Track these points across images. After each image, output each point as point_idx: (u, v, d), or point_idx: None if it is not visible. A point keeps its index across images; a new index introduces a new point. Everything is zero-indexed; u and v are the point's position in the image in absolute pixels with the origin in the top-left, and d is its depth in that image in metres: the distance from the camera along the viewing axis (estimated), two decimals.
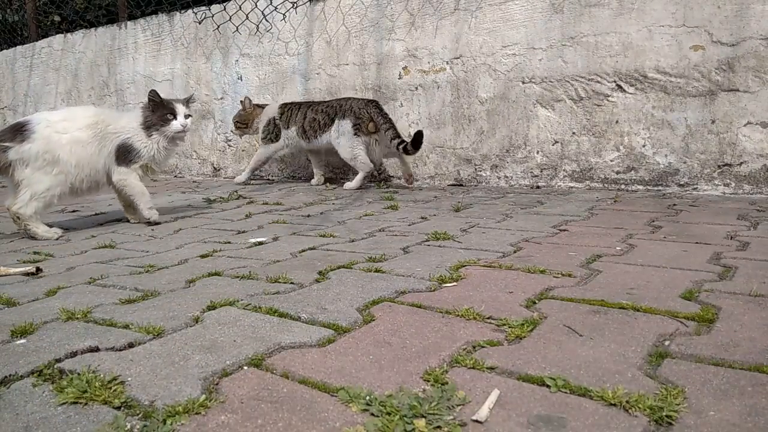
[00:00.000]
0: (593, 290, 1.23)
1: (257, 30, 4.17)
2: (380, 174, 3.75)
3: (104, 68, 5.18)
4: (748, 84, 2.64)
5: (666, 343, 0.93)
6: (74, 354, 0.95)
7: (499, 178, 3.33)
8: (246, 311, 1.15)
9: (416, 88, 3.55)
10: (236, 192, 3.45)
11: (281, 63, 4.12)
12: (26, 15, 5.89)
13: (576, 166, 3.10)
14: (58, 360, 0.93)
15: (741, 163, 2.69)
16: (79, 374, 0.85)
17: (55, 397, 0.79)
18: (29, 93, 5.85)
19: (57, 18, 5.84)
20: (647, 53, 2.84)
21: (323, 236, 1.98)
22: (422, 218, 2.29)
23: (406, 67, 3.58)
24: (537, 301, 1.17)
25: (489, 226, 2.05)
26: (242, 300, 1.23)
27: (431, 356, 0.91)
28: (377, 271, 1.43)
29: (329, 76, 3.90)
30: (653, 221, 2.05)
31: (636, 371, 0.83)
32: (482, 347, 0.94)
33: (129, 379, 0.84)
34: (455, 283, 1.32)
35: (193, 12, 4.50)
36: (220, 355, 0.93)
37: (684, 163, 2.82)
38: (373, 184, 3.68)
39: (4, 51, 6.12)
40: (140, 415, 0.74)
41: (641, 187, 2.92)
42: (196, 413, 0.75)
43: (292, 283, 1.36)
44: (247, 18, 4.15)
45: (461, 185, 3.42)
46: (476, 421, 0.71)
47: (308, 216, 2.47)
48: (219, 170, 4.62)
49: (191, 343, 0.98)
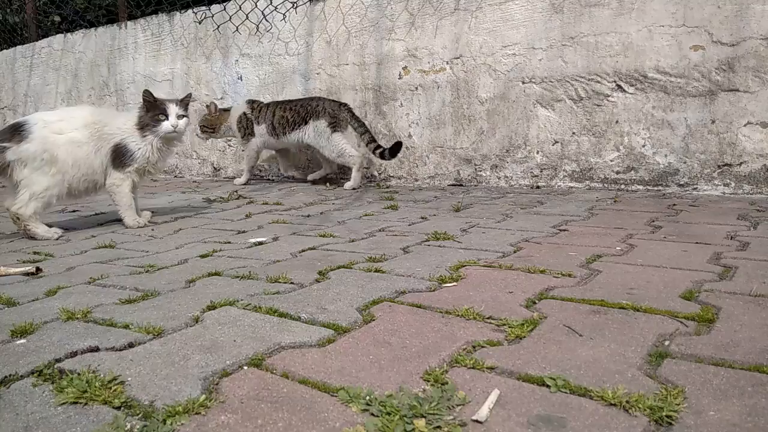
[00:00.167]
0: (593, 290, 1.23)
1: (257, 30, 4.17)
2: (380, 174, 3.75)
3: (104, 68, 5.18)
4: (748, 84, 2.64)
5: (666, 343, 0.93)
6: (74, 354, 0.95)
7: (499, 178, 3.33)
8: (246, 311, 1.15)
9: (416, 88, 3.55)
10: (236, 192, 3.45)
11: (281, 63, 4.12)
12: (26, 15, 5.89)
13: (576, 166, 3.10)
14: (58, 360, 0.93)
15: (741, 163, 2.69)
16: (79, 374, 0.85)
17: (55, 397, 0.79)
18: (29, 93, 5.85)
19: (57, 18, 5.84)
20: (647, 53, 2.84)
21: (323, 236, 1.98)
22: (422, 218, 2.29)
23: (406, 67, 3.58)
24: (537, 301, 1.17)
25: (489, 226, 2.05)
26: (242, 300, 1.23)
27: (431, 356, 0.91)
28: (377, 271, 1.43)
29: (329, 76, 3.90)
30: (653, 221, 2.05)
31: (636, 371, 0.83)
32: (482, 347, 0.94)
33: (129, 379, 0.84)
34: (455, 283, 1.32)
35: (193, 12, 4.50)
36: (220, 355, 0.92)
37: (684, 163, 2.82)
38: (373, 184, 3.68)
39: (4, 51, 6.12)
40: (140, 415, 0.74)
41: (641, 187, 2.92)
42: (196, 413, 0.75)
43: (292, 283, 1.36)
44: (247, 18, 4.15)
45: (461, 185, 3.42)
46: (476, 421, 0.71)
47: (308, 216, 2.47)
48: (219, 170, 4.62)
49: (191, 343, 0.98)
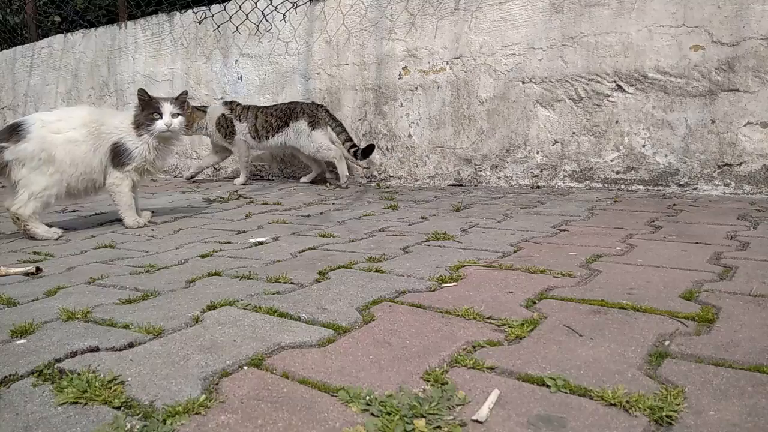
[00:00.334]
0: (593, 290, 1.23)
1: (257, 30, 4.17)
2: (380, 174, 3.75)
3: (104, 68, 5.18)
4: (748, 84, 2.64)
5: (666, 343, 0.93)
6: (74, 354, 0.95)
7: (499, 178, 3.33)
8: (246, 311, 1.15)
9: (416, 88, 3.55)
10: (236, 192, 3.45)
11: (281, 63, 4.12)
12: (26, 15, 5.89)
13: (576, 166, 3.10)
14: (58, 360, 0.93)
15: (741, 163, 2.69)
16: (79, 374, 0.85)
17: (55, 397, 0.79)
18: (29, 93, 5.85)
19: (57, 18, 5.84)
20: (647, 53, 2.84)
21: (323, 236, 1.98)
22: (422, 218, 2.29)
23: (406, 67, 3.58)
24: (537, 301, 1.17)
25: (489, 226, 2.05)
26: (242, 300, 1.22)
27: (431, 356, 0.91)
28: (377, 271, 1.43)
29: (329, 76, 3.90)
30: (653, 221, 2.05)
31: (636, 371, 0.83)
32: (482, 347, 0.94)
33: (129, 379, 0.84)
34: (455, 283, 1.32)
35: (193, 12, 4.50)
36: (220, 355, 0.92)
37: (684, 163, 2.82)
38: (373, 184, 3.68)
39: (5, 51, 6.12)
40: (140, 415, 0.74)
41: (641, 187, 2.92)
42: (196, 413, 0.75)
43: (292, 283, 1.36)
44: (247, 18, 4.15)
45: (461, 185, 3.42)
46: (476, 421, 0.71)
47: (308, 216, 2.47)
48: (219, 170, 4.62)
49: (191, 343, 0.98)
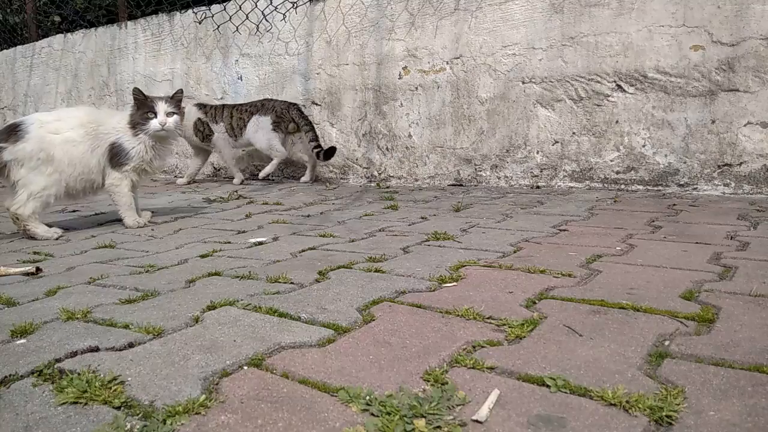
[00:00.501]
0: (593, 290, 1.23)
1: (257, 30, 4.17)
2: (380, 174, 3.75)
3: (104, 68, 5.18)
4: (748, 84, 2.64)
5: (666, 343, 0.93)
6: (74, 354, 0.95)
7: (499, 178, 3.33)
8: (246, 311, 1.15)
9: (416, 88, 3.55)
10: (236, 192, 3.45)
11: (281, 63, 4.12)
12: (26, 15, 5.89)
13: (576, 166, 3.10)
14: (58, 360, 0.93)
15: (741, 163, 2.69)
16: (79, 374, 0.85)
17: (55, 397, 0.79)
18: (29, 93, 5.85)
19: (57, 18, 5.84)
20: (647, 53, 2.84)
21: (323, 236, 1.98)
22: (422, 218, 2.29)
23: (406, 67, 3.58)
24: (537, 301, 1.17)
25: (489, 226, 2.05)
26: (242, 300, 1.22)
27: (431, 356, 0.91)
28: (377, 271, 1.43)
29: (329, 76, 3.90)
30: (653, 221, 2.05)
31: (636, 371, 0.83)
32: (482, 347, 0.93)
33: (129, 379, 0.84)
34: (455, 283, 1.32)
35: (193, 12, 4.50)
36: (220, 355, 0.92)
37: (684, 163, 2.82)
38: (373, 184, 3.68)
39: (5, 51, 6.12)
40: (140, 415, 0.74)
41: (641, 187, 2.92)
42: (196, 413, 0.75)
43: (292, 283, 1.36)
44: (247, 18, 4.15)
45: (461, 185, 3.42)
46: (476, 421, 0.71)
47: (308, 216, 2.48)
48: (219, 170, 4.62)
49: (191, 343, 0.98)
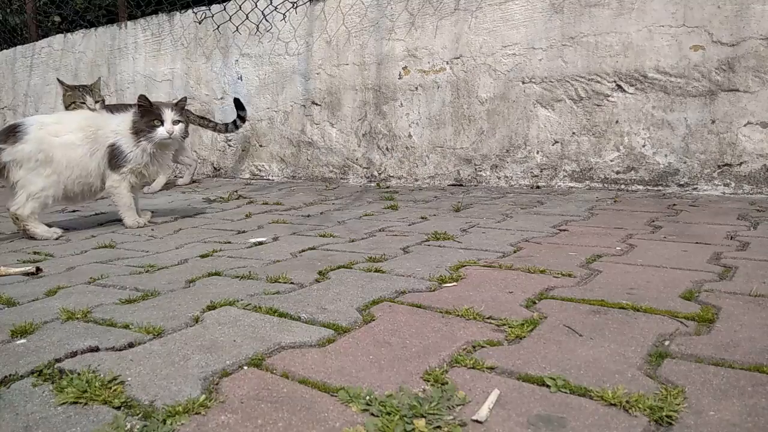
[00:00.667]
0: (593, 290, 1.23)
1: (257, 30, 4.17)
2: (380, 174, 3.75)
3: (104, 68, 5.18)
4: (748, 84, 2.64)
5: (666, 343, 0.93)
6: (74, 354, 0.95)
7: (499, 178, 3.33)
8: (246, 311, 1.15)
9: (416, 88, 3.55)
10: (236, 192, 3.45)
11: (281, 63, 4.12)
12: (26, 15, 5.89)
13: (576, 166, 3.10)
14: (58, 360, 0.93)
15: (741, 163, 2.69)
16: (79, 374, 0.85)
17: (55, 397, 0.79)
18: (29, 93, 5.85)
19: (57, 18, 5.84)
20: (647, 53, 2.84)
21: (323, 236, 1.98)
22: (422, 218, 2.29)
23: (406, 67, 3.58)
24: (537, 301, 1.17)
25: (489, 226, 2.05)
26: (242, 300, 1.23)
27: (431, 356, 0.91)
28: (377, 271, 1.43)
29: (329, 76, 3.90)
30: (653, 221, 2.05)
31: (636, 371, 0.83)
32: (482, 347, 0.94)
33: (129, 379, 0.84)
34: (455, 283, 1.32)
35: (193, 12, 4.49)
36: (220, 355, 0.92)
37: (684, 163, 2.82)
38: (373, 184, 3.68)
39: (5, 51, 6.12)
40: (140, 415, 0.74)
41: (641, 187, 2.92)
42: (196, 413, 0.75)
43: (292, 283, 1.36)
44: (247, 18, 4.15)
45: (461, 185, 3.42)
46: (476, 421, 0.71)
47: (308, 216, 2.48)
48: (219, 170, 4.62)
49: (191, 343, 0.98)
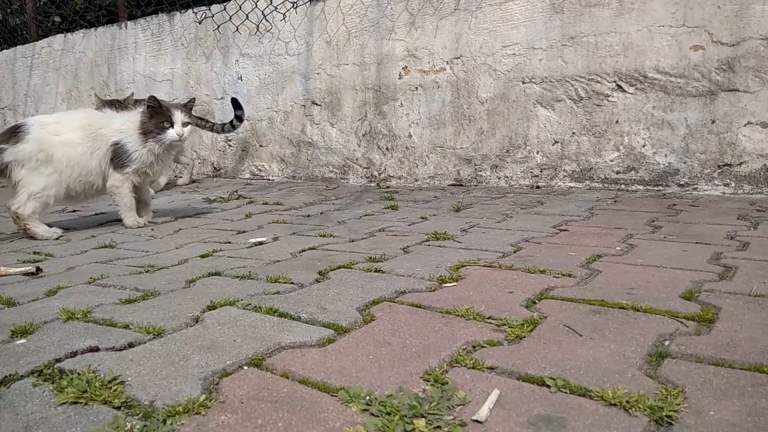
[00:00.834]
0: (593, 290, 1.23)
1: (257, 30, 4.17)
2: (380, 174, 3.75)
3: (104, 68, 5.18)
4: (748, 84, 2.64)
5: (666, 343, 0.93)
6: (74, 354, 0.95)
7: (499, 178, 3.33)
8: (246, 311, 1.15)
9: (416, 88, 3.55)
10: (236, 192, 3.45)
11: (281, 63, 4.12)
12: (26, 15, 5.89)
13: (576, 166, 3.10)
14: (58, 360, 0.93)
15: (741, 163, 2.69)
16: (79, 374, 0.85)
17: (55, 397, 0.79)
18: (29, 93, 5.85)
19: (57, 18, 5.84)
20: (647, 53, 2.84)
21: (323, 236, 1.98)
22: (422, 218, 2.29)
23: (406, 67, 3.58)
24: (537, 301, 1.17)
25: (489, 226, 2.05)
26: (242, 300, 1.23)
27: (431, 356, 0.91)
28: (377, 271, 1.43)
29: (329, 76, 3.90)
30: (653, 221, 2.05)
31: (636, 371, 0.83)
32: (482, 347, 0.93)
33: (129, 379, 0.84)
34: (455, 283, 1.32)
35: (193, 12, 4.50)
36: (220, 355, 0.92)
37: (684, 163, 2.82)
38: (373, 184, 3.68)
39: (5, 51, 6.12)
40: (140, 415, 0.74)
41: (641, 187, 2.92)
42: (196, 413, 0.75)
43: (292, 283, 1.36)
44: (247, 18, 4.15)
45: (461, 185, 3.42)
46: (476, 421, 0.71)
47: (308, 216, 2.48)
48: (219, 170, 4.62)
49: (191, 343, 0.98)
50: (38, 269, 1.59)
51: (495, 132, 3.32)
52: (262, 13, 4.07)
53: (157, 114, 2.27)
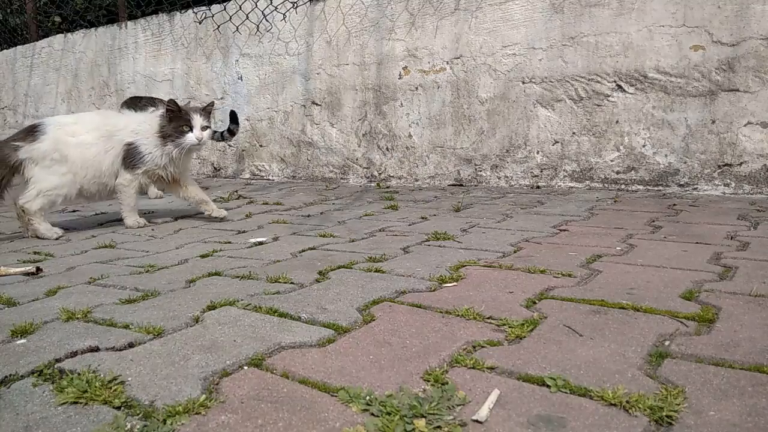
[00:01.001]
0: (593, 290, 1.23)
1: (257, 30, 4.17)
2: (380, 174, 3.75)
3: (104, 68, 5.18)
4: (748, 84, 2.64)
5: (666, 343, 0.93)
6: (74, 354, 0.95)
7: (499, 178, 3.33)
8: (246, 311, 1.15)
9: (416, 88, 3.55)
10: (236, 192, 3.45)
11: (281, 63, 4.12)
12: (26, 15, 5.89)
13: (576, 166, 3.10)
14: (58, 360, 0.93)
15: (741, 163, 2.69)
16: (79, 374, 0.85)
17: (55, 397, 0.79)
18: (29, 93, 5.85)
19: (57, 19, 5.84)
20: (647, 53, 2.84)
21: (323, 236, 1.98)
22: (422, 218, 2.29)
23: (406, 67, 3.58)
24: (537, 301, 1.17)
25: (489, 226, 2.05)
26: (242, 300, 1.23)
27: (431, 356, 0.91)
28: (377, 271, 1.43)
29: (329, 76, 3.90)
30: (653, 221, 2.05)
31: (636, 371, 0.83)
32: (482, 347, 0.94)
33: (129, 379, 0.84)
34: (455, 283, 1.32)
35: (194, 12, 4.50)
36: (220, 355, 0.92)
37: (684, 163, 2.82)
38: (373, 184, 3.68)
39: (5, 51, 6.12)
40: (140, 415, 0.74)
41: (641, 187, 2.92)
42: (196, 413, 0.75)
43: (292, 283, 1.36)
44: (247, 18, 4.15)
45: (461, 185, 3.42)
46: (476, 421, 0.71)
47: (308, 216, 2.48)
48: (219, 170, 4.62)
49: (191, 343, 0.98)
50: (38, 269, 1.59)
51: (495, 132, 3.32)
52: (262, 13, 4.07)
53: (177, 118, 2.26)
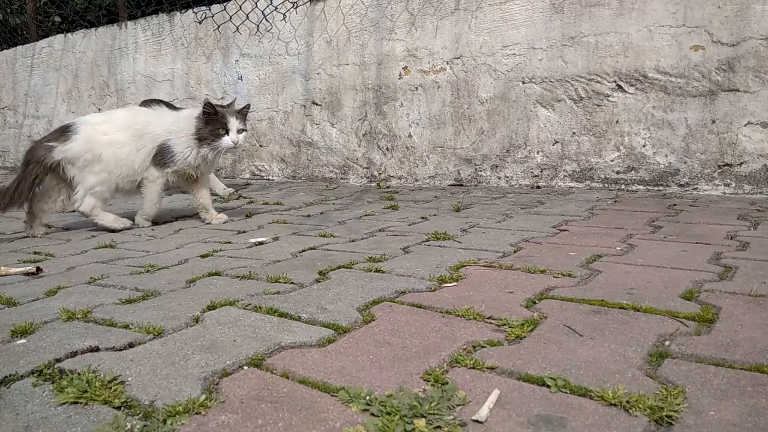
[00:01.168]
0: (593, 290, 1.23)
1: (257, 30, 4.17)
2: (380, 174, 3.75)
3: (104, 68, 5.18)
4: (749, 84, 2.64)
5: (666, 343, 0.93)
6: (74, 354, 0.95)
7: (500, 178, 3.33)
8: (246, 311, 1.15)
9: (416, 88, 3.55)
10: (236, 192, 3.45)
11: (281, 63, 4.12)
12: (26, 16, 5.90)
13: (576, 166, 3.10)
14: (58, 360, 0.93)
15: (741, 163, 2.69)
16: (79, 374, 0.85)
17: (55, 397, 0.79)
18: (29, 93, 5.85)
19: (57, 19, 5.84)
20: (647, 53, 2.84)
21: (323, 236, 1.98)
22: (422, 218, 2.29)
23: (406, 67, 3.58)
24: (537, 301, 1.17)
25: (489, 226, 2.05)
26: (242, 300, 1.23)
27: (431, 356, 0.91)
28: (377, 271, 1.43)
29: (329, 76, 3.90)
30: (653, 221, 2.05)
31: (636, 371, 0.83)
32: (482, 347, 0.93)
33: (129, 379, 0.84)
34: (455, 283, 1.32)
35: (194, 12, 4.49)
36: (220, 355, 0.92)
37: (684, 163, 2.82)
38: (374, 184, 3.68)
39: (5, 51, 6.12)
40: (140, 415, 0.74)
41: (641, 187, 2.92)
42: (196, 413, 0.75)
43: (293, 283, 1.36)
44: (248, 18, 4.15)
45: (461, 185, 3.42)
46: (476, 421, 0.71)
47: (308, 216, 2.48)
48: (219, 170, 4.62)
49: (191, 343, 0.98)
50: (38, 269, 1.59)
51: (495, 132, 3.32)
52: (262, 13, 4.07)
53: (213, 120, 2.23)
